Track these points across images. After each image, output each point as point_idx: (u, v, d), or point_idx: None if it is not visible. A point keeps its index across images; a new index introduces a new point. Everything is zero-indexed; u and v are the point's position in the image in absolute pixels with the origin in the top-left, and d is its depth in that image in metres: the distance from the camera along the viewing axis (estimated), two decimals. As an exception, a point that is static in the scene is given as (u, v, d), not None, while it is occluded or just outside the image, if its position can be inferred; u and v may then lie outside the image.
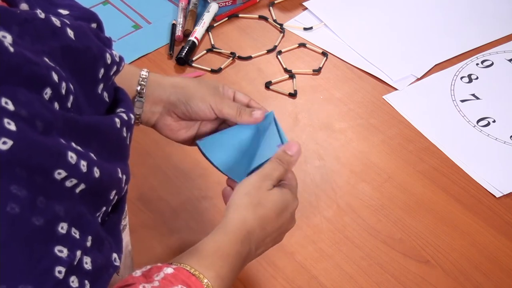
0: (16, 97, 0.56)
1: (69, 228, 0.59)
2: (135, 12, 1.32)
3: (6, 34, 0.57)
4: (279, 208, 0.83)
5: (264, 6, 1.34)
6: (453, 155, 1.07)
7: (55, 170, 0.58)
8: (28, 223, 0.56)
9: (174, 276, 0.72)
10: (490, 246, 0.95)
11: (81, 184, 0.60)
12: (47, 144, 0.57)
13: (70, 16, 0.68)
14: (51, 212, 0.58)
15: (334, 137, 1.10)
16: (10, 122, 0.55)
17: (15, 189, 0.55)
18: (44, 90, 0.59)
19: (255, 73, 1.21)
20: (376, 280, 0.92)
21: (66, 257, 0.58)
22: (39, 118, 0.57)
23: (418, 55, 1.23)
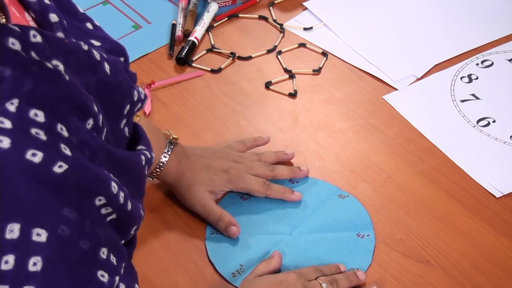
0: (69, 124, 0.58)
1: (108, 254, 0.60)
2: (135, 12, 1.32)
3: (58, 63, 0.58)
4: (269, 283, 0.85)
5: (264, 6, 1.34)
6: (453, 155, 1.07)
7: (98, 196, 0.59)
8: (76, 246, 0.57)
9: None
10: (490, 246, 0.95)
11: (113, 214, 0.62)
12: (95, 171, 0.59)
13: (102, 48, 0.69)
14: (95, 236, 0.59)
15: (334, 137, 1.10)
16: (66, 147, 0.57)
17: (67, 211, 0.56)
18: (88, 120, 0.61)
19: (255, 73, 1.21)
20: (376, 280, 0.92)
21: (107, 282, 0.60)
22: (86, 146, 0.59)
23: (418, 55, 1.23)
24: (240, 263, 0.93)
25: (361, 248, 0.94)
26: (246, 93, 1.18)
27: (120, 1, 1.34)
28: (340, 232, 0.95)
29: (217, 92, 1.18)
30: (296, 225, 0.97)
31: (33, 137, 0.56)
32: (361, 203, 0.99)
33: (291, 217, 0.98)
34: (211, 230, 0.97)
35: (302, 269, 0.89)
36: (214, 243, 0.95)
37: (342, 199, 0.99)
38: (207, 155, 1.00)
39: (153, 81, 1.16)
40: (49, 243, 0.55)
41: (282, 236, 0.95)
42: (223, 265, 0.93)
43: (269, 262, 0.90)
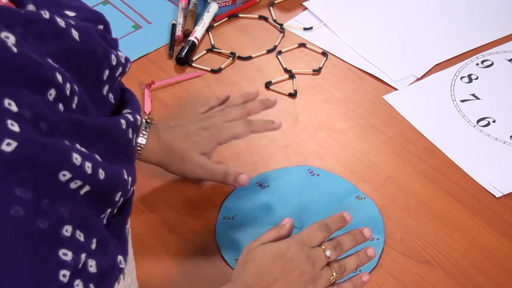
0: (20, 98, 0.56)
1: (73, 231, 0.58)
2: (135, 12, 1.32)
3: (9, 35, 0.57)
4: (271, 254, 0.83)
5: (264, 6, 1.34)
6: (453, 155, 1.07)
7: (60, 171, 0.57)
8: (33, 226, 0.55)
9: None
10: (490, 246, 0.95)
11: (86, 186, 0.60)
12: (51, 145, 0.57)
13: (77, 18, 0.68)
14: (55, 214, 0.57)
15: (334, 137, 1.10)
16: (13, 123, 0.54)
17: (19, 191, 0.55)
18: (48, 91, 0.58)
19: (255, 73, 1.21)
20: (376, 280, 0.92)
21: (70, 260, 0.58)
22: (43, 119, 0.57)
23: (418, 55, 1.23)
24: None
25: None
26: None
27: (120, 1, 1.34)
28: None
29: (217, 92, 1.18)
30: (308, 220, 0.97)
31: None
32: (376, 207, 0.99)
33: (305, 211, 0.98)
34: (224, 215, 0.98)
35: (305, 232, 0.85)
36: (224, 228, 0.96)
37: (359, 200, 0.99)
38: (182, 123, 1.02)
39: (153, 81, 1.16)
40: (2, 225, 0.53)
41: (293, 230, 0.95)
42: (228, 250, 0.93)
43: (279, 230, 0.87)
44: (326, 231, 0.86)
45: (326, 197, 1.00)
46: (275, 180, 1.03)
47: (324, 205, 0.99)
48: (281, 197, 1.00)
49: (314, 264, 0.83)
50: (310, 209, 0.98)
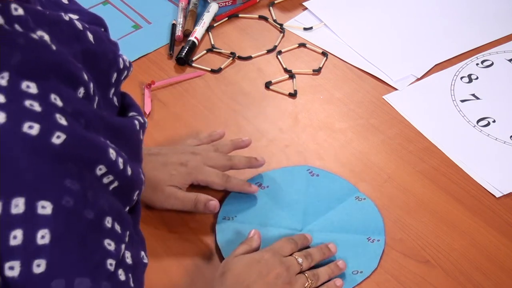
0: (61, 93, 0.58)
1: (113, 222, 0.60)
2: (135, 12, 1.32)
3: (44, 34, 0.58)
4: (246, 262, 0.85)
5: (264, 6, 1.34)
6: (453, 155, 1.07)
7: (98, 165, 0.59)
8: (81, 216, 0.57)
9: None
10: (490, 246, 0.95)
11: (115, 182, 0.61)
12: (92, 139, 0.59)
13: (81, 20, 0.69)
14: (98, 206, 0.59)
15: (334, 137, 1.10)
16: (61, 117, 0.56)
17: (69, 183, 0.56)
18: (79, 89, 0.60)
19: (255, 73, 1.21)
20: (376, 280, 0.92)
21: (114, 251, 0.60)
22: (81, 115, 0.59)
23: (418, 55, 1.23)
24: None
25: (369, 252, 0.94)
26: (246, 93, 1.18)
27: (120, 1, 1.34)
28: (351, 234, 0.96)
29: (217, 92, 1.18)
30: (308, 221, 0.97)
31: (28, 110, 0.55)
32: (376, 207, 0.99)
33: (305, 212, 0.98)
34: (223, 215, 0.98)
35: (275, 244, 0.89)
36: (224, 229, 0.96)
37: (359, 201, 0.99)
38: (164, 152, 0.99)
39: (153, 81, 1.16)
40: (55, 215, 0.55)
41: (293, 231, 0.96)
42: (228, 251, 0.93)
43: (249, 243, 0.90)
44: (293, 243, 0.89)
45: (326, 198, 1.00)
46: (275, 180, 1.03)
47: (324, 207, 0.99)
48: (280, 197, 1.00)
49: (289, 268, 0.86)
50: (310, 210, 0.98)
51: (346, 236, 0.95)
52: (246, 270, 0.84)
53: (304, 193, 1.01)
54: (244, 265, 0.85)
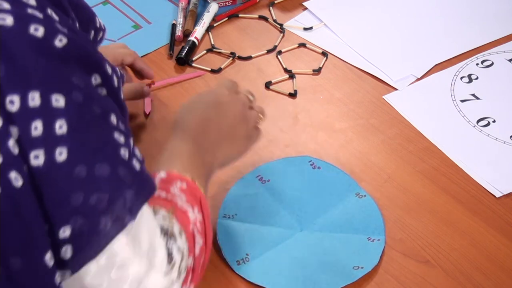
0: (56, 12, 0.63)
1: (117, 120, 0.64)
2: (135, 12, 1.32)
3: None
4: (206, 96, 0.90)
5: (264, 6, 1.34)
6: (453, 155, 1.07)
7: (94, 73, 0.64)
8: (91, 110, 0.62)
9: (169, 178, 0.78)
10: (490, 246, 0.95)
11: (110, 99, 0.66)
12: (90, 48, 0.63)
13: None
14: (103, 103, 0.63)
15: (334, 137, 1.10)
16: (59, 25, 0.61)
17: (76, 80, 0.61)
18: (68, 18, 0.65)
19: (255, 73, 1.21)
20: (376, 280, 0.92)
21: (124, 143, 0.64)
22: (76, 33, 0.63)
23: (418, 55, 1.23)
24: (246, 252, 0.93)
25: (370, 250, 0.94)
26: (246, 93, 1.18)
27: (120, 1, 1.34)
28: (351, 233, 0.96)
29: (217, 92, 1.17)
30: (308, 220, 0.97)
31: (31, 15, 0.59)
32: (377, 205, 0.99)
33: (305, 210, 0.98)
34: (224, 213, 0.98)
35: (225, 82, 0.94)
36: (224, 226, 0.96)
37: (360, 198, 0.99)
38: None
39: (153, 81, 1.16)
40: (68, 108, 0.59)
41: (292, 231, 0.96)
42: (230, 251, 0.93)
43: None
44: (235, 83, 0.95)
45: (327, 195, 1.00)
46: (276, 173, 1.02)
47: (325, 204, 0.99)
48: (281, 193, 1.00)
49: (244, 104, 0.92)
50: (310, 209, 0.98)
51: (346, 235, 0.95)
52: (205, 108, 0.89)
53: (305, 189, 1.00)
54: (207, 108, 0.88)
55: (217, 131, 0.87)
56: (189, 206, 0.76)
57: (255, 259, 0.93)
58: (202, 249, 0.76)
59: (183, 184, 0.77)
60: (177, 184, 0.77)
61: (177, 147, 0.84)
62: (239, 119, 0.90)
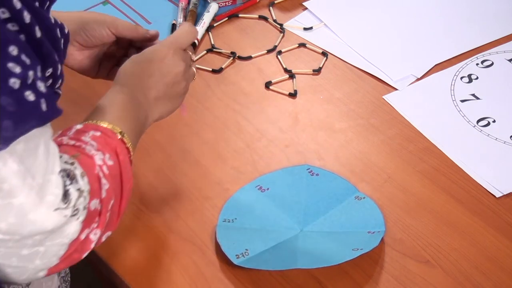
0: None
1: (19, 52, 0.64)
2: (135, 12, 1.32)
3: None
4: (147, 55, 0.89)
5: (264, 6, 1.34)
6: (453, 155, 1.07)
7: (1, 8, 0.63)
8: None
9: (85, 128, 0.78)
10: (490, 246, 0.95)
11: (21, 34, 0.65)
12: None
13: None
14: (2, 31, 0.63)
15: (334, 137, 1.10)
16: None
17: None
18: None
19: (255, 73, 1.21)
20: (376, 280, 0.92)
21: (19, 73, 0.63)
22: None
23: (418, 55, 1.23)
24: (246, 247, 0.93)
25: (370, 239, 0.94)
26: (246, 93, 1.18)
27: (120, 1, 1.34)
28: (351, 230, 0.96)
29: (217, 92, 1.18)
30: (308, 221, 0.97)
31: None
32: (376, 204, 0.99)
33: (305, 213, 0.98)
34: (224, 218, 0.98)
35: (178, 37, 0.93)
36: (224, 229, 0.96)
37: (359, 200, 0.99)
38: None
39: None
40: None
41: (293, 232, 0.96)
42: (229, 247, 0.93)
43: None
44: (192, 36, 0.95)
45: (326, 198, 1.00)
46: (275, 182, 1.02)
47: (324, 207, 0.99)
48: (281, 199, 1.00)
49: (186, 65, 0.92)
50: (310, 211, 0.98)
51: (347, 232, 0.95)
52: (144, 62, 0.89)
53: (304, 194, 1.01)
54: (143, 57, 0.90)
55: (156, 88, 0.88)
56: (99, 152, 0.76)
57: (254, 253, 0.93)
58: (109, 192, 0.75)
59: (96, 133, 0.77)
60: (89, 133, 0.77)
61: (111, 99, 0.85)
62: (180, 78, 0.90)
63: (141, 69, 0.89)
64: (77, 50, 0.97)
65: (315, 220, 0.97)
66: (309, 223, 0.97)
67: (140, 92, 0.87)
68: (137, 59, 0.90)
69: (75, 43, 0.96)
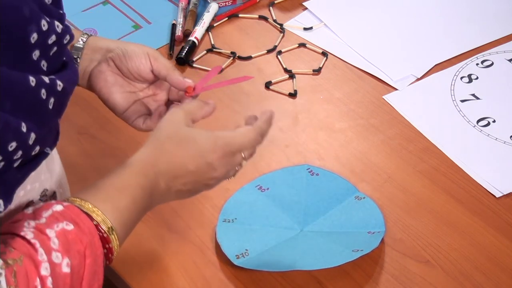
0: None
1: None
2: (135, 12, 1.32)
3: None
4: (193, 149, 0.79)
5: (264, 6, 1.34)
6: (453, 155, 1.07)
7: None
8: None
9: (63, 213, 0.69)
10: (490, 246, 0.95)
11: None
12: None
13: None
14: None
15: (334, 137, 1.10)
16: None
17: None
18: None
19: (255, 73, 1.21)
20: (376, 280, 0.92)
21: None
22: None
23: (418, 55, 1.23)
24: (246, 247, 0.93)
25: (370, 239, 0.94)
26: (246, 93, 1.18)
27: (120, 1, 1.34)
28: (351, 230, 0.96)
29: (217, 92, 1.17)
30: (308, 221, 0.97)
31: None
32: (376, 204, 0.99)
33: (305, 213, 0.98)
34: (224, 218, 0.98)
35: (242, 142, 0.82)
36: (224, 229, 0.96)
37: (359, 200, 0.99)
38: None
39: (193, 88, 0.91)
40: None
41: (292, 231, 0.96)
42: (229, 247, 0.93)
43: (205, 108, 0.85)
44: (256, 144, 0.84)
45: (326, 198, 1.00)
46: (275, 182, 1.02)
47: (324, 207, 0.99)
48: (281, 199, 1.00)
49: (228, 172, 0.82)
50: (310, 211, 0.98)
51: (347, 232, 0.95)
52: (187, 158, 0.78)
53: (304, 194, 1.01)
54: (188, 150, 0.79)
55: (184, 182, 0.79)
56: (55, 256, 0.66)
57: (254, 253, 0.93)
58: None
59: (69, 226, 0.68)
60: (61, 224, 0.68)
61: (127, 179, 0.75)
62: (213, 182, 0.81)
63: (179, 149, 0.79)
64: (111, 71, 0.89)
65: (315, 220, 0.97)
66: (309, 223, 0.97)
67: (164, 179, 0.77)
68: (181, 133, 0.80)
69: (111, 63, 0.89)
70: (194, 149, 0.79)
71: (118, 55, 0.89)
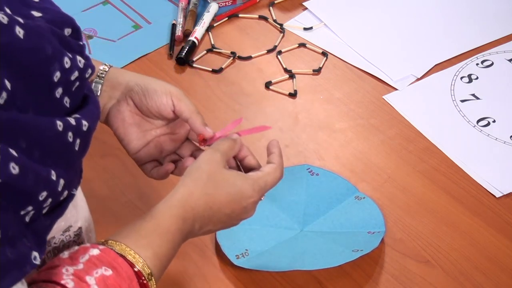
0: None
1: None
2: (135, 12, 1.32)
3: None
4: (232, 194, 0.79)
5: (264, 6, 1.34)
6: (453, 155, 1.07)
7: None
8: None
9: (100, 258, 0.69)
10: (490, 246, 0.95)
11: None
12: None
13: (42, 19, 0.66)
14: None
15: (334, 137, 1.10)
16: None
17: None
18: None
19: (255, 73, 1.21)
20: (376, 280, 0.92)
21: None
22: None
23: (418, 55, 1.23)
24: (246, 247, 0.94)
25: (370, 239, 0.94)
26: (246, 93, 1.18)
27: (120, 1, 1.34)
28: (351, 230, 0.96)
29: (217, 92, 1.18)
30: (308, 221, 0.97)
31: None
32: (376, 204, 0.99)
33: (305, 213, 0.98)
34: None
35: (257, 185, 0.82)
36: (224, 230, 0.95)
37: (359, 200, 0.99)
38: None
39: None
40: None
41: (292, 232, 0.96)
42: (229, 247, 0.93)
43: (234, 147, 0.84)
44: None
45: (326, 198, 1.00)
46: None
47: (324, 207, 0.99)
48: (281, 199, 1.00)
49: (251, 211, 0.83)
50: (310, 211, 0.98)
51: (347, 232, 0.95)
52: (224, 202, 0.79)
53: (304, 194, 1.01)
54: (227, 195, 0.79)
55: (215, 223, 0.80)
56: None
57: (254, 253, 0.93)
58: None
59: (107, 271, 0.68)
60: (100, 270, 0.68)
61: (167, 223, 0.75)
62: (239, 221, 0.83)
63: (219, 192, 0.79)
64: (130, 110, 0.87)
65: (315, 220, 0.97)
66: (309, 223, 0.97)
67: (199, 223, 0.78)
68: (221, 176, 0.80)
69: (130, 102, 0.87)
70: (234, 194, 0.80)
71: (137, 94, 0.87)
